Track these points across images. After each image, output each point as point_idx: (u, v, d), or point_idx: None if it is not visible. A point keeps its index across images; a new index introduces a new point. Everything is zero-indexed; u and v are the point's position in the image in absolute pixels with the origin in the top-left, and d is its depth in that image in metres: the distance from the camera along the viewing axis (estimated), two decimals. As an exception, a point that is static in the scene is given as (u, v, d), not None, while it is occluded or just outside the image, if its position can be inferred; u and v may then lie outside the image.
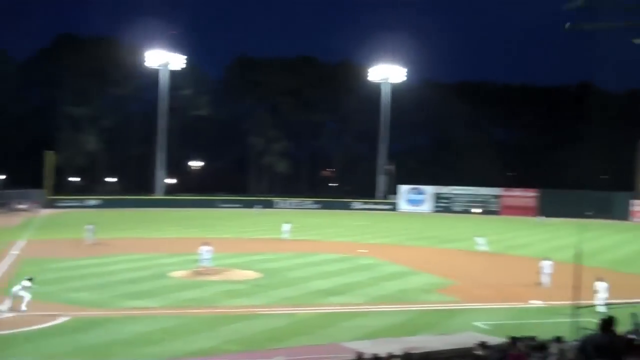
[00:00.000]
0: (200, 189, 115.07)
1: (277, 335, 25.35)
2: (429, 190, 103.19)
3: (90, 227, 52.55)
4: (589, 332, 19.96)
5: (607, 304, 28.93)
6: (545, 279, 37.21)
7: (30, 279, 29.08)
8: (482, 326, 27.33)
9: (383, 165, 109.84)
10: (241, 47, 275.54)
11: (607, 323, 11.58)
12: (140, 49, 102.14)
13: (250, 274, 39.11)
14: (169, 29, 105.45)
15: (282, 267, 42.44)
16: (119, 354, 22.28)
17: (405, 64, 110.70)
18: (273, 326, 26.90)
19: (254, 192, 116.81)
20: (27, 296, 27.93)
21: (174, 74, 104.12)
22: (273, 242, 55.55)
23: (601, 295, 30.65)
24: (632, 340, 16.70)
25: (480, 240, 53.71)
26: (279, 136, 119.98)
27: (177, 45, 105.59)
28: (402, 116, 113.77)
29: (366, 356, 18.41)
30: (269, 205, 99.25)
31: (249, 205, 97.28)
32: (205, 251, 39.60)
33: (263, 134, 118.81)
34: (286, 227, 58.58)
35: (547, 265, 37.49)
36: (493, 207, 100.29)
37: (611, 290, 31.17)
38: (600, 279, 31.38)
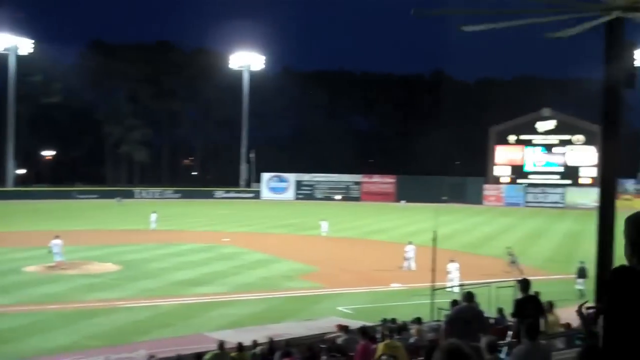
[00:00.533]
0: (54, 180, 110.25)
1: (140, 329, 24.74)
2: (291, 178, 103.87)
3: None
4: (445, 312, 20.70)
5: (460, 285, 30.11)
6: (409, 263, 38.17)
7: None
8: (345, 311, 27.76)
9: (245, 154, 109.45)
10: (95, 32, 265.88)
11: (471, 295, 12.45)
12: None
13: (110, 267, 37.91)
14: (14, 12, 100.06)
15: (143, 258, 41.39)
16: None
17: (263, 51, 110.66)
18: (135, 319, 26.22)
19: (113, 182, 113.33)
20: None
21: (23, 59, 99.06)
22: (134, 233, 53.97)
23: (453, 275, 32.04)
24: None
25: (324, 225, 54.96)
26: (137, 124, 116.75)
27: (25, 28, 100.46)
28: (263, 104, 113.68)
29: (229, 345, 18.24)
30: (129, 195, 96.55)
31: (107, 195, 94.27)
32: (54, 245, 37.65)
33: (120, 122, 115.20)
34: (153, 217, 57.52)
35: (410, 250, 38.45)
36: (354, 194, 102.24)
37: (466, 272, 32.49)
38: (452, 260, 32.71)
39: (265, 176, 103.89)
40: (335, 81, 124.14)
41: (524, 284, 12.69)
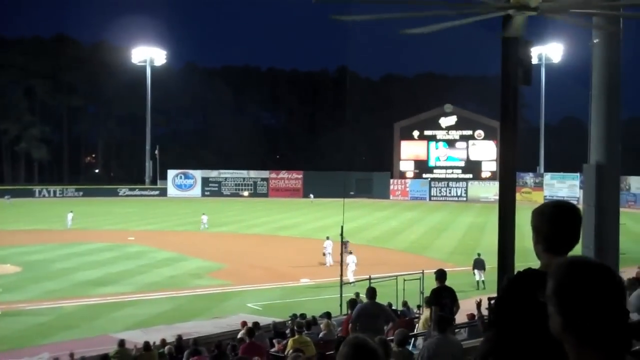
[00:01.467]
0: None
1: (42, 331, 24.06)
2: (197, 174, 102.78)
3: None
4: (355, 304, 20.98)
5: (356, 280, 30.54)
6: (328, 259, 38.26)
7: None
8: (254, 307, 27.75)
9: (149, 150, 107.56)
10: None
11: (373, 291, 12.79)
12: None
13: (9, 268, 36.60)
14: None
15: (44, 259, 40.17)
16: None
17: (166, 46, 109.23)
18: (37, 322, 25.48)
19: (11, 181, 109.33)
20: None
21: None
22: (33, 234, 52.25)
23: (351, 267, 32.58)
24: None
25: (204, 219, 56.63)
26: (35, 121, 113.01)
27: None
28: (167, 100, 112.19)
29: (138, 345, 17.99)
30: (28, 194, 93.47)
31: (3, 194, 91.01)
32: None
33: (17, 118, 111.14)
34: (69, 216, 57.63)
35: (328, 245, 38.48)
36: (262, 190, 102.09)
37: (373, 266, 33.01)
38: (350, 253, 33.21)
39: (171, 173, 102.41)
40: (240, 77, 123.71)
41: (440, 274, 13.05)
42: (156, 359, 17.07)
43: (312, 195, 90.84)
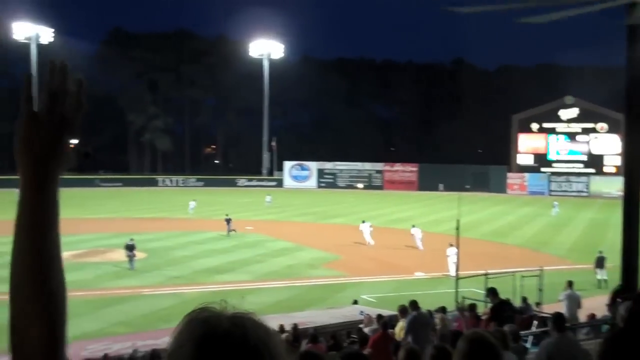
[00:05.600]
0: (77, 168, 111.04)
1: (164, 316, 24.97)
2: (313, 166, 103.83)
3: None
4: (469, 301, 20.73)
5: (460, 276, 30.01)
6: (418, 244, 41.26)
7: None
8: (368, 299, 27.84)
9: (267, 142, 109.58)
10: (116, 20, 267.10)
11: (415, 303, 13.00)
12: (5, 22, 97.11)
13: (135, 254, 38.21)
14: (34, 0, 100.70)
15: (167, 246, 41.74)
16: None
17: (283, 39, 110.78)
18: (160, 307, 26.49)
19: (136, 171, 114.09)
20: None
21: (44, 47, 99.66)
22: (158, 221, 54.39)
23: (452, 259, 31.75)
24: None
25: (191, 204, 60.37)
26: (158, 113, 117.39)
27: (47, 17, 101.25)
28: (284, 92, 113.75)
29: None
30: (152, 183, 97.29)
31: (130, 183, 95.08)
32: None
33: (142, 110, 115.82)
34: (192, 204, 60.55)
35: (417, 232, 41.58)
36: (376, 182, 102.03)
37: (490, 261, 32.44)
38: (451, 245, 32.30)
39: (288, 164, 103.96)
40: (356, 69, 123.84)
41: (493, 292, 12.75)
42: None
43: (441, 186, 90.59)
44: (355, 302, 25.57)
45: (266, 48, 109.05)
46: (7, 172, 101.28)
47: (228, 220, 47.52)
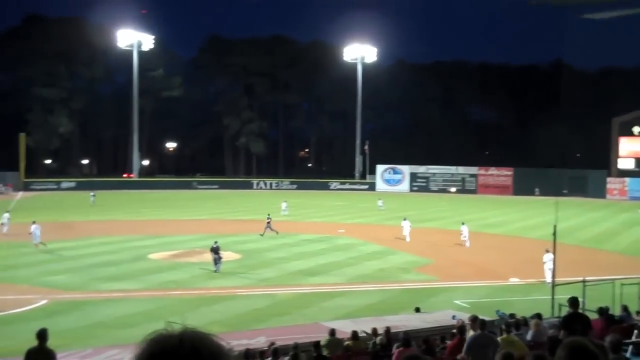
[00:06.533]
0: (176, 171, 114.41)
1: (258, 316, 25.39)
2: (406, 169, 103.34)
3: (6, 215, 48.29)
4: (566, 308, 20.19)
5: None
6: (465, 240, 43.46)
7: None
8: (461, 304, 27.53)
9: (359, 145, 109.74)
10: (213, 27, 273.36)
11: (483, 322, 12.98)
12: (110, 29, 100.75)
13: (230, 255, 38.94)
14: (139, 8, 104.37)
15: (260, 247, 42.40)
16: (99, 337, 22.17)
17: (376, 43, 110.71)
18: (254, 307, 26.93)
19: (232, 174, 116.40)
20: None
21: (145, 54, 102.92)
22: (251, 223, 55.19)
23: (548, 266, 30.77)
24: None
25: (284, 205, 61.45)
26: (253, 117, 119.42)
27: (148, 25, 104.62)
28: (377, 96, 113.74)
29: (347, 335, 18.45)
30: (247, 186, 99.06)
31: (226, 186, 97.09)
32: (34, 229, 39.85)
33: (237, 114, 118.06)
34: (284, 205, 61.87)
35: (464, 229, 44.14)
36: (470, 187, 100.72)
37: (587, 268, 31.53)
38: (547, 251, 31.32)
39: (380, 168, 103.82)
40: (450, 72, 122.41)
41: (574, 302, 12.32)
42: (364, 347, 17.45)
43: (537, 190, 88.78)
44: (417, 310, 25.34)
45: (360, 52, 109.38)
46: (110, 174, 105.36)
47: (269, 221, 47.91)
